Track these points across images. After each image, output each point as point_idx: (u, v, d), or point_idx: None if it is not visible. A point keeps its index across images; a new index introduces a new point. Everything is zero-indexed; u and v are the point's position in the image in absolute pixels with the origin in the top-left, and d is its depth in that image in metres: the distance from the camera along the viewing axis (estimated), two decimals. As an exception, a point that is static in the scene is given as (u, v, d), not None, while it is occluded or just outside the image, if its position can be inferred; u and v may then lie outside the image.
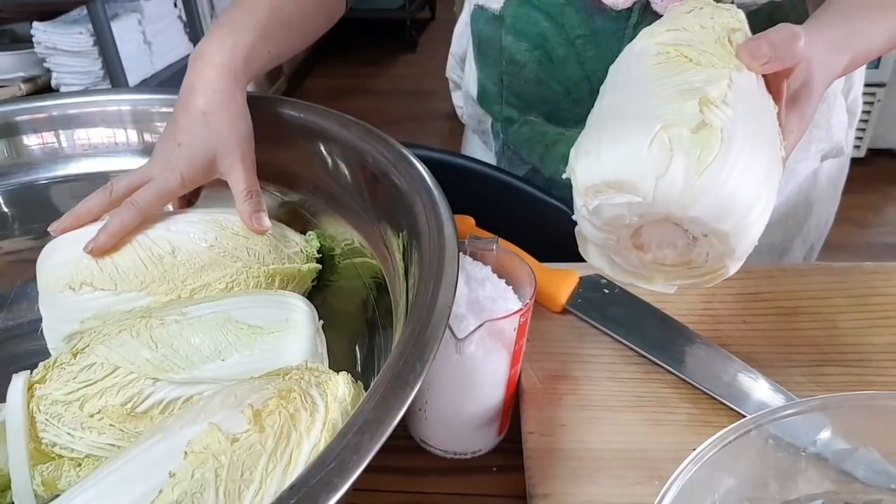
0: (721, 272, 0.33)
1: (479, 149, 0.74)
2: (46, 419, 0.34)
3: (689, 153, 0.29)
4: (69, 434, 0.34)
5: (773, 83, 0.35)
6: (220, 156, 0.43)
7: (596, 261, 0.37)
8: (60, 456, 0.34)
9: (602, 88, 0.38)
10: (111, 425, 0.34)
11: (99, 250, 0.40)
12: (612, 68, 0.39)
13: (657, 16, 0.50)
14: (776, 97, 0.35)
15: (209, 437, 0.28)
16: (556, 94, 0.57)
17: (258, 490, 0.27)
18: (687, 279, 0.34)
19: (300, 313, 0.39)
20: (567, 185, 0.34)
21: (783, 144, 0.34)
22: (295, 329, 0.38)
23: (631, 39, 0.40)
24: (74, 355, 0.36)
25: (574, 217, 0.36)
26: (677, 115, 0.30)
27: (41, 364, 0.36)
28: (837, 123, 0.61)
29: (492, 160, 0.72)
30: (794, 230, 0.66)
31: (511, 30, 0.57)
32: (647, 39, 0.36)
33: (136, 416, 0.34)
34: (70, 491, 0.29)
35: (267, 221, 0.44)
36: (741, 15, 0.38)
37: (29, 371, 0.36)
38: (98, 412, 0.34)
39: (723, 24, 0.36)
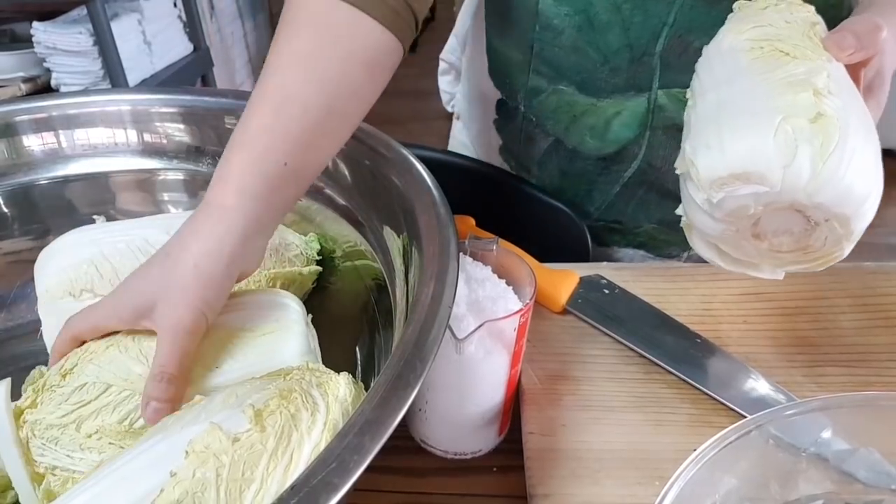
0: (836, 255, 0.35)
1: (465, 139, 0.73)
2: (43, 444, 0.34)
3: (812, 142, 0.30)
4: (68, 456, 0.34)
5: (852, 73, 0.37)
6: (156, 316, 0.34)
7: (703, 251, 0.38)
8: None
9: (696, 86, 0.39)
10: (111, 444, 0.34)
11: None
12: (700, 66, 0.40)
13: None
14: (856, 87, 0.37)
15: (210, 437, 0.28)
16: (593, 62, 0.56)
17: (259, 489, 0.27)
18: (800, 264, 0.36)
19: (290, 311, 0.38)
20: (591, 157, 0.34)
21: None
22: (287, 328, 0.37)
23: (681, 6, 0.40)
24: (63, 376, 0.35)
25: (678, 211, 0.38)
26: (793, 107, 0.31)
27: (29, 387, 0.35)
28: None
29: (469, 150, 0.71)
30: None
31: None
32: (735, 36, 0.38)
33: (134, 433, 0.34)
34: (71, 490, 0.29)
35: (159, 417, 0.33)
36: (813, 8, 0.40)
37: (9, 380, 0.35)
38: (96, 432, 0.34)
39: (803, 18, 0.38)
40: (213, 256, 0.34)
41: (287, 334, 0.37)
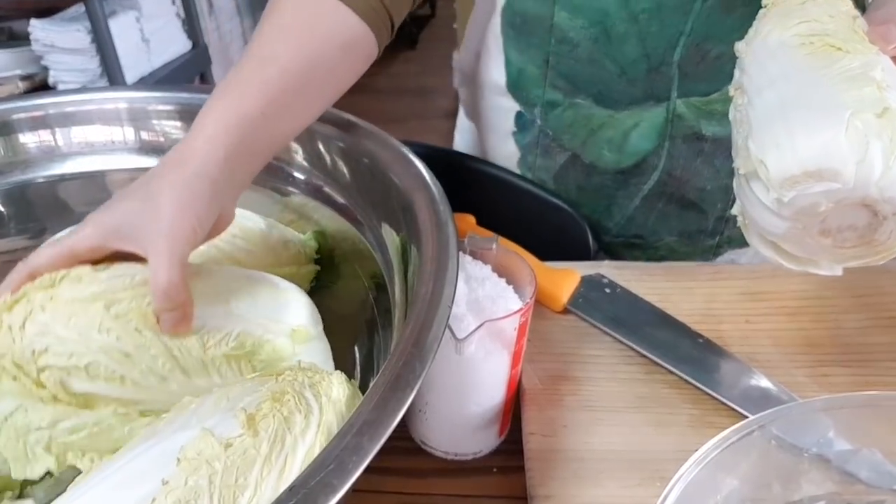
0: None
1: (471, 137, 0.73)
2: (51, 317, 0.32)
3: (882, 136, 0.30)
4: (80, 335, 0.32)
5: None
6: (142, 233, 0.35)
7: (763, 249, 0.38)
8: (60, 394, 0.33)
9: (746, 83, 0.39)
10: (136, 330, 0.33)
11: None
12: (748, 63, 0.40)
13: None
14: None
15: (202, 443, 0.27)
16: (610, 73, 0.56)
17: (253, 496, 0.26)
18: (862, 259, 0.36)
19: (292, 286, 0.39)
20: (609, 171, 0.33)
21: None
22: (294, 289, 0.39)
23: (698, 14, 0.39)
24: (94, 269, 0.35)
25: (733, 211, 0.38)
26: (860, 102, 0.31)
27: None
28: None
29: (473, 150, 0.71)
30: None
31: (567, 6, 0.55)
32: (782, 32, 0.38)
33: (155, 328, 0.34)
34: (61, 498, 0.29)
35: (183, 326, 0.34)
36: (850, 1, 0.40)
37: None
38: (126, 314, 0.33)
39: (844, 12, 0.38)
40: (199, 177, 0.35)
41: (296, 294, 0.38)
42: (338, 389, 0.31)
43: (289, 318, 0.37)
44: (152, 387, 0.34)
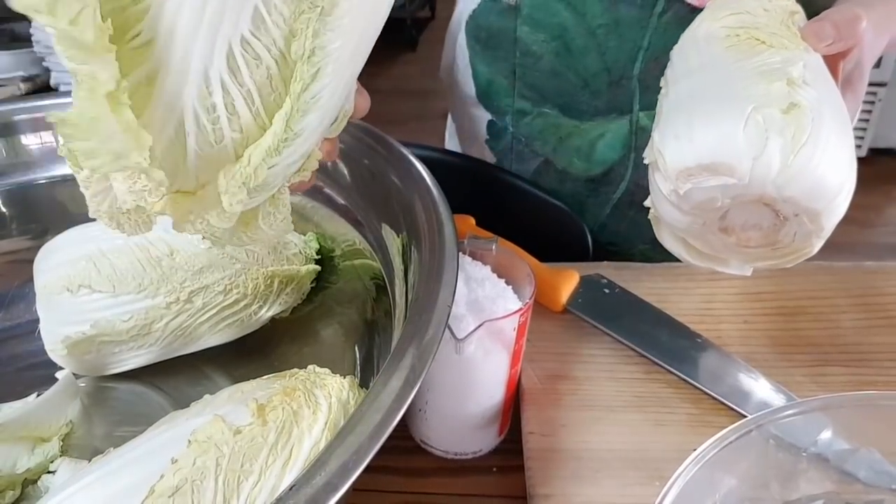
0: (806, 251, 0.33)
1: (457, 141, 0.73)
2: None
3: (784, 133, 0.29)
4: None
5: (830, 65, 0.36)
6: None
7: (671, 245, 0.37)
8: None
9: (670, 74, 0.38)
10: None
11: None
12: (675, 54, 0.39)
13: (683, 4, 0.50)
14: (834, 78, 0.36)
15: (213, 428, 0.28)
16: (573, 85, 0.57)
17: (256, 482, 0.27)
18: (769, 260, 0.34)
19: None
20: (580, 178, 0.33)
21: None
22: None
23: (655, 29, 0.38)
24: None
25: (646, 203, 0.37)
26: (766, 97, 0.30)
27: None
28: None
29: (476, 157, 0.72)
30: None
31: (528, 20, 0.56)
32: (711, 23, 0.37)
33: None
34: (77, 474, 0.30)
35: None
36: None
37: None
38: None
39: (783, 6, 0.37)
40: None
41: None
42: (347, 392, 0.31)
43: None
44: None
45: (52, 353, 0.42)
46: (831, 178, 0.30)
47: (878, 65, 2.05)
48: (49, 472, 0.37)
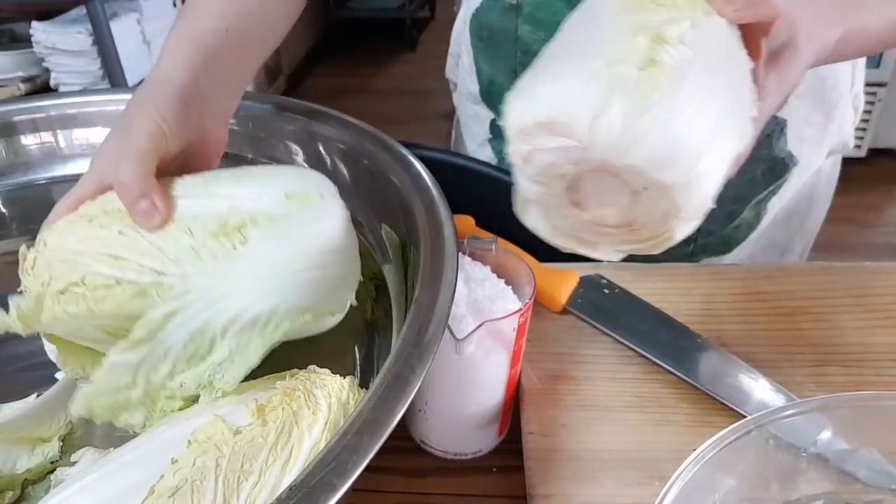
0: (666, 236, 0.29)
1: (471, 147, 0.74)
2: (52, 250, 0.33)
3: (632, 92, 0.25)
4: (75, 252, 0.32)
5: (750, 39, 0.32)
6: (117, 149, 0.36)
7: (534, 222, 0.32)
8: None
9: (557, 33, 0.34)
10: (119, 233, 0.32)
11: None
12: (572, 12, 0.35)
13: None
14: (753, 54, 0.31)
15: (213, 428, 0.28)
16: None
17: (256, 482, 0.27)
18: (631, 244, 0.30)
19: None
20: None
21: (757, 105, 0.30)
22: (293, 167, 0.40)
23: None
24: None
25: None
26: (624, 52, 0.26)
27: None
28: (847, 118, 0.61)
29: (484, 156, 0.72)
30: (796, 227, 0.66)
31: (529, 19, 0.56)
32: None
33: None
34: (77, 474, 0.30)
35: (154, 218, 0.33)
36: None
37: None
38: (109, 221, 0.33)
39: None
40: (162, 83, 0.37)
41: (295, 168, 0.39)
42: (347, 393, 0.31)
43: (280, 185, 0.34)
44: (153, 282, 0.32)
45: (51, 354, 0.42)
46: (684, 146, 0.25)
47: (877, 65, 2.05)
48: (67, 465, 0.37)
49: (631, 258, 0.66)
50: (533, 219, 0.32)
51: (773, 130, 0.57)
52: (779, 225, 0.64)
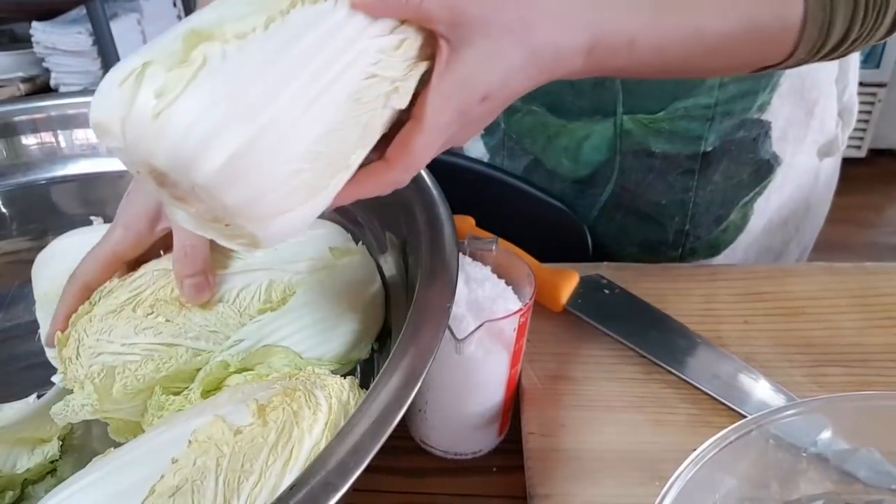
0: (251, 236, 0.27)
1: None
2: (97, 340, 0.34)
3: (156, 91, 0.24)
4: (123, 345, 0.34)
5: (433, 42, 0.27)
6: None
7: (181, 217, 0.30)
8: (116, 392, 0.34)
9: None
10: (167, 321, 0.35)
11: (50, 340, 0.37)
12: None
13: None
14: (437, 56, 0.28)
15: (213, 428, 0.28)
16: (559, 84, 0.57)
17: (257, 482, 0.27)
18: (235, 239, 0.29)
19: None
20: (567, 179, 0.30)
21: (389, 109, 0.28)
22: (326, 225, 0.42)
23: None
24: (122, 280, 0.37)
25: None
26: (162, 51, 0.25)
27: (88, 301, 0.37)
28: (829, 113, 0.61)
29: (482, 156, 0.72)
30: (791, 233, 0.66)
31: None
32: None
33: (189, 307, 0.35)
34: (76, 474, 0.30)
35: (205, 294, 0.35)
36: None
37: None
38: (151, 310, 0.35)
39: None
40: None
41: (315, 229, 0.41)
42: (348, 393, 0.31)
43: (308, 251, 0.39)
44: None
45: (52, 358, 0.42)
46: (193, 144, 0.24)
47: (877, 65, 2.05)
48: (51, 473, 0.37)
49: (631, 259, 0.66)
50: (179, 213, 0.30)
51: (758, 134, 0.57)
52: (773, 231, 0.64)
